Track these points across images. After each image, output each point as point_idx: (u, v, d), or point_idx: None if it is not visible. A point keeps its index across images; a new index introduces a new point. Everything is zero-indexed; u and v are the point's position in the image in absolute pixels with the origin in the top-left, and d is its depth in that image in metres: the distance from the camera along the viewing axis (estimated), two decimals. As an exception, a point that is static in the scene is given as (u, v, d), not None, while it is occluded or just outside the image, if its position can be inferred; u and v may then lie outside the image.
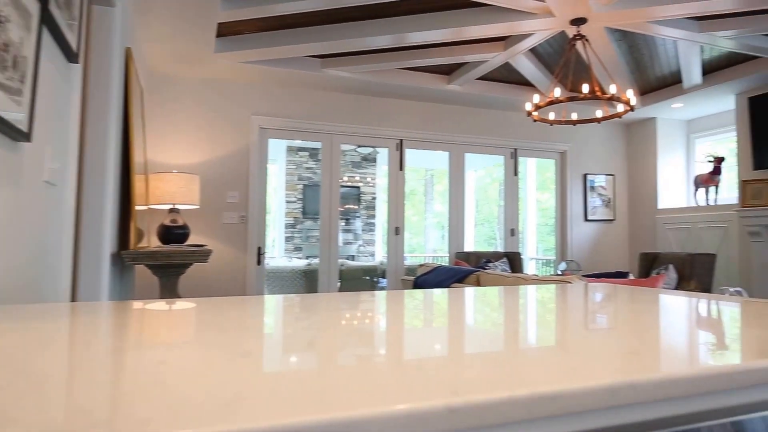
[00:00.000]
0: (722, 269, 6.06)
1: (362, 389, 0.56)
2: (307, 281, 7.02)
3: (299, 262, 8.13)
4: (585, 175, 7.17)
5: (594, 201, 7.21)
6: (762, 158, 5.51)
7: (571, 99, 3.69)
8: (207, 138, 5.43)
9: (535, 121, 4.08)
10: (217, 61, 4.93)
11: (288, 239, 10.25)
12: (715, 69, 5.55)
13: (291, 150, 10.34)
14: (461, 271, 3.79)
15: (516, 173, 6.80)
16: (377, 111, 6.23)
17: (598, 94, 3.53)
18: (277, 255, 10.20)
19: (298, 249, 10.25)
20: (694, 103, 6.26)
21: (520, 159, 6.92)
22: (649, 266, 5.78)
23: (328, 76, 5.45)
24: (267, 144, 5.78)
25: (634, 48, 5.12)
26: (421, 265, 4.48)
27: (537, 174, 9.45)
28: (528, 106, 3.87)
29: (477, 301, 1.39)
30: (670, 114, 6.82)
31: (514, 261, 5.88)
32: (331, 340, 0.84)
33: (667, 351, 0.76)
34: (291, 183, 10.32)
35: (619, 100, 3.62)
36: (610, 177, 7.32)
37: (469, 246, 10.90)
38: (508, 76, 5.87)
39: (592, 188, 7.21)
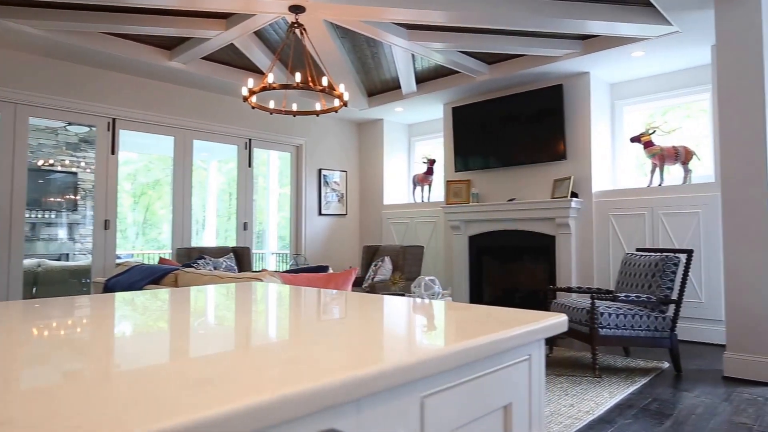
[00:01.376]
0: (432, 258, 6.79)
1: None
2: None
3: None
4: (320, 170, 7.28)
5: (328, 196, 7.38)
6: (461, 162, 6.31)
7: (284, 87, 3.54)
8: None
9: (253, 108, 3.82)
10: None
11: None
12: (427, 79, 6.14)
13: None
14: (158, 270, 3.29)
15: (250, 164, 6.49)
16: (82, 82, 5.21)
17: (311, 84, 3.45)
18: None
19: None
20: (413, 108, 6.87)
21: (258, 150, 6.65)
22: (371, 258, 6.10)
23: (6, 28, 4.30)
24: None
25: (358, 48, 5.30)
26: (119, 264, 3.82)
27: (282, 167, 9.33)
28: (244, 91, 3.60)
29: (123, 308, 1.00)
30: (395, 117, 7.38)
31: (242, 257, 5.57)
32: None
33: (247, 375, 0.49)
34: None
35: (331, 93, 3.61)
36: (343, 173, 7.60)
37: (210, 241, 10.23)
38: (236, 59, 5.51)
39: (327, 183, 7.37)
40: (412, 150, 7.88)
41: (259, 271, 2.93)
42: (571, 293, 4.64)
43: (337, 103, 3.91)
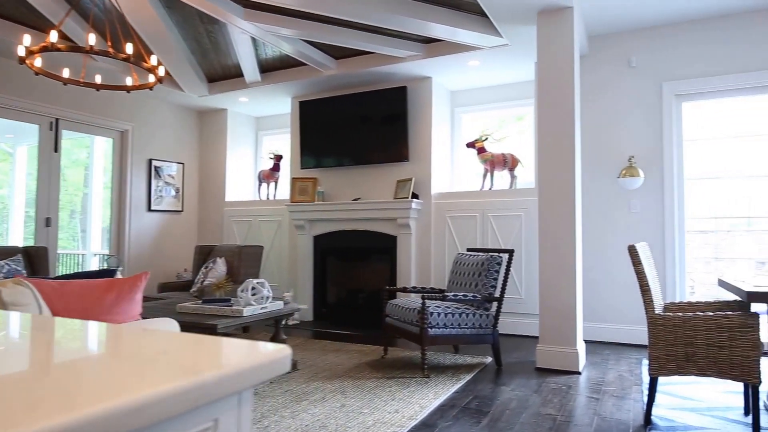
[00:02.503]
0: (276, 259, 6.48)
1: None
2: None
3: None
4: (151, 161, 6.56)
5: (161, 190, 6.68)
6: (308, 159, 6.11)
7: (73, 49, 2.99)
8: None
9: (36, 74, 3.18)
10: None
11: None
12: (273, 69, 5.83)
13: None
14: None
15: (57, 149, 5.59)
16: None
17: (111, 51, 2.95)
18: None
19: None
20: (259, 100, 6.49)
21: (67, 133, 5.74)
22: (204, 259, 5.62)
23: None
24: None
25: (190, 24, 4.82)
26: None
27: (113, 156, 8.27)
28: (21, 51, 2.96)
29: None
30: (240, 108, 6.93)
31: (37, 258, 4.74)
32: None
33: None
34: None
35: (138, 64, 3.14)
36: (180, 165, 6.94)
37: (17, 240, 8.74)
38: (30, 17, 4.67)
39: (159, 176, 6.67)
40: (259, 145, 7.48)
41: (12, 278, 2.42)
42: (407, 293, 4.68)
43: (152, 79, 3.43)
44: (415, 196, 5.42)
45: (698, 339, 2.44)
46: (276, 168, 6.76)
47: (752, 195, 4.35)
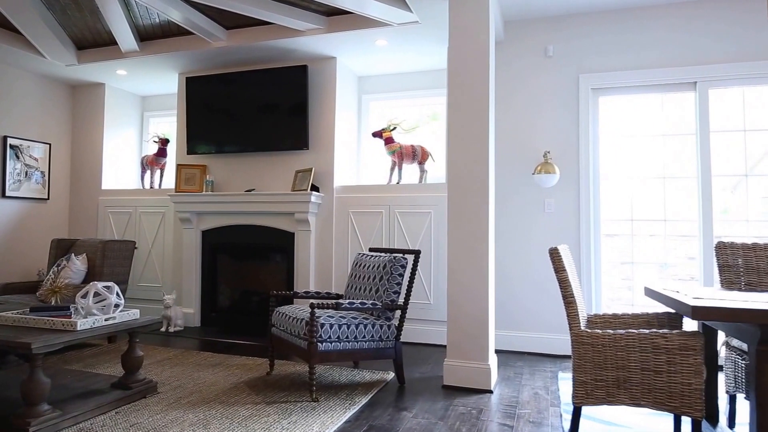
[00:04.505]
0: (158, 256, 5.65)
1: None
2: None
3: None
4: (5, 138, 5.49)
5: (19, 173, 5.62)
6: (195, 143, 5.34)
7: None
8: None
9: None
10: None
11: None
12: (153, 37, 5.01)
13: None
14: None
15: None
16: None
17: None
18: None
19: None
20: (141, 74, 5.62)
21: None
22: (63, 255, 4.72)
23: None
24: None
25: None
26: None
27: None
28: None
29: None
30: (120, 83, 6.00)
31: None
32: None
33: None
34: None
35: None
36: (46, 146, 5.90)
37: None
38: None
39: (17, 157, 5.61)
40: (146, 128, 6.57)
41: None
42: (299, 299, 4.09)
43: None
44: (315, 188, 4.85)
45: (631, 362, 2.07)
46: (162, 153, 5.92)
47: (665, 196, 4.19)
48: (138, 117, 6.53)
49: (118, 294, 3.01)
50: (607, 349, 2.10)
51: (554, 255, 2.31)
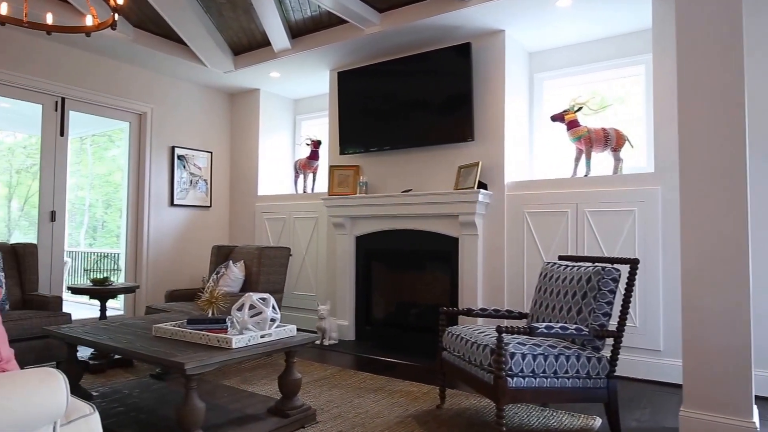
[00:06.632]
0: (312, 264, 5.41)
1: None
2: None
3: None
4: (173, 149, 5.67)
5: (186, 182, 5.78)
6: (347, 142, 4.99)
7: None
8: None
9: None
10: None
11: None
12: (304, 32, 4.76)
13: None
14: None
15: (63, 132, 4.77)
16: None
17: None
18: None
19: None
20: (293, 74, 5.44)
21: (79, 115, 4.93)
22: (223, 261, 4.62)
23: None
24: None
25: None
26: None
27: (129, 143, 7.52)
28: None
29: None
30: (274, 87, 5.93)
31: (25, 257, 3.87)
32: None
33: None
34: None
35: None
36: (208, 154, 6.03)
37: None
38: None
39: (183, 166, 5.77)
40: (298, 131, 6.47)
41: None
42: (473, 317, 3.38)
43: (90, 21, 2.42)
44: (482, 185, 4.17)
45: None
46: (314, 156, 5.70)
47: None
48: (290, 120, 6.45)
49: (274, 307, 2.62)
50: None
51: None
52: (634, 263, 2.64)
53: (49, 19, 2.61)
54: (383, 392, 3.26)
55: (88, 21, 2.73)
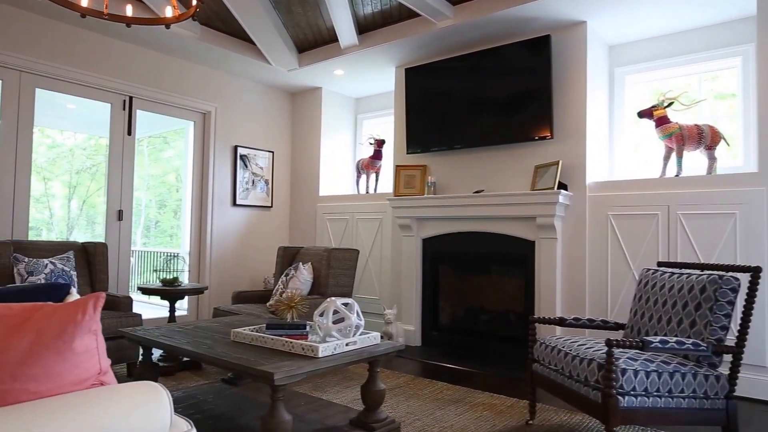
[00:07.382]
0: (376, 266, 5.29)
1: None
2: None
3: None
4: (236, 148, 5.67)
5: (247, 182, 5.78)
6: (414, 140, 4.84)
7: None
8: None
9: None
10: None
11: None
12: (372, 28, 4.64)
13: None
14: None
15: (131, 132, 4.83)
16: None
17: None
18: None
19: None
20: (357, 72, 5.35)
21: (145, 114, 4.98)
22: (289, 263, 4.55)
23: None
24: None
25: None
26: None
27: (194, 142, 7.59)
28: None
29: None
30: (336, 85, 5.85)
31: (95, 256, 3.91)
32: None
33: None
34: None
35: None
36: (269, 154, 6.01)
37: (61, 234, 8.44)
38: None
39: (246, 166, 5.77)
40: (359, 130, 6.37)
41: None
42: (566, 327, 3.14)
43: (170, 12, 2.35)
44: (562, 186, 3.94)
45: None
46: (377, 156, 5.58)
47: None
48: (352, 120, 6.36)
49: (358, 313, 2.49)
50: None
51: None
52: (756, 272, 2.38)
53: (129, 11, 2.58)
54: (464, 404, 3.10)
55: (168, 13, 2.68)
